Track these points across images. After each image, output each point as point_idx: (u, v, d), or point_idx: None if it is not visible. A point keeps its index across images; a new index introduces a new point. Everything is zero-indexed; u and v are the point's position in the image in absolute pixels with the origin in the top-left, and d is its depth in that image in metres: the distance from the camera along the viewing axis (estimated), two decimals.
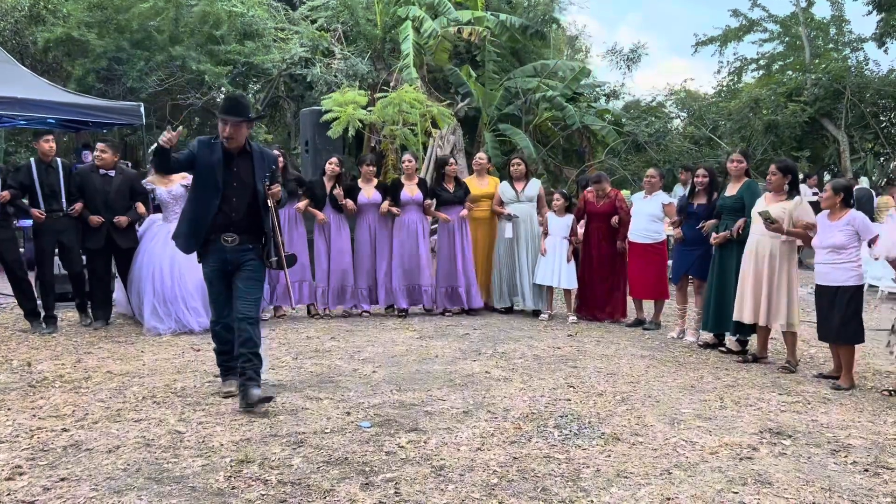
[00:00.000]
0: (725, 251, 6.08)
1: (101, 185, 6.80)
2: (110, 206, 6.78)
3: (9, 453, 3.54)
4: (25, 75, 10.39)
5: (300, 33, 14.52)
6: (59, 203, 6.68)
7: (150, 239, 6.81)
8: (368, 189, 7.61)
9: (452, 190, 7.75)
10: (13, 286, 6.59)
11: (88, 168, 7.03)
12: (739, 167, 6.13)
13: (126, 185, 6.92)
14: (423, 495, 3.11)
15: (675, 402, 4.60)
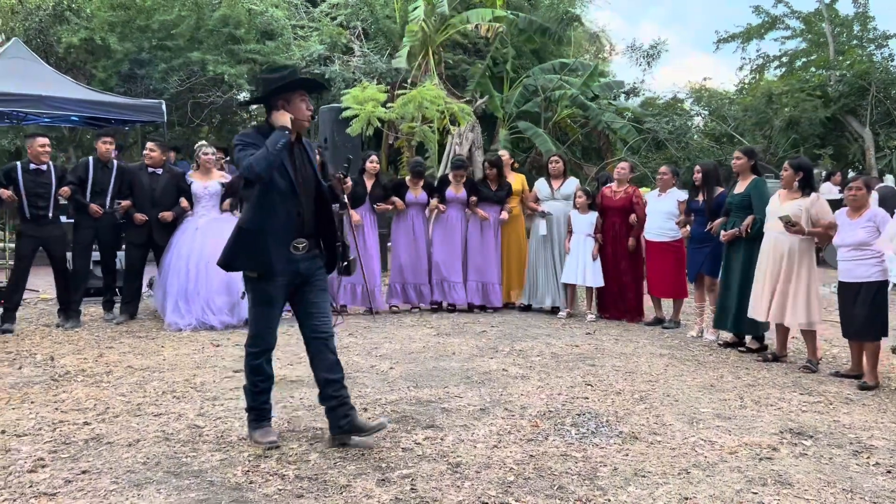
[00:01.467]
0: (734, 250, 6.03)
1: (149, 182, 7.00)
2: (157, 204, 6.98)
3: (32, 446, 3.59)
4: (50, 74, 10.54)
5: (319, 31, 14.57)
6: (104, 201, 6.85)
7: (180, 233, 6.90)
8: (416, 189, 7.69)
9: (495, 189, 7.79)
10: (57, 282, 6.72)
11: (137, 166, 7.22)
12: (738, 163, 6.13)
13: (172, 182, 7.09)
14: (438, 492, 3.12)
15: (694, 401, 4.56)
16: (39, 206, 6.45)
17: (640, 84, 20.63)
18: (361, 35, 15.21)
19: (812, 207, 5.42)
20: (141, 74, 13.88)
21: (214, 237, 6.72)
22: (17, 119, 11.13)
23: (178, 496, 3.03)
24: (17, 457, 3.44)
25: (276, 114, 3.58)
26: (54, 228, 6.63)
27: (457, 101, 12.25)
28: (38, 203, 6.44)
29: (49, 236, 6.55)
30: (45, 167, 6.54)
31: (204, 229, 6.79)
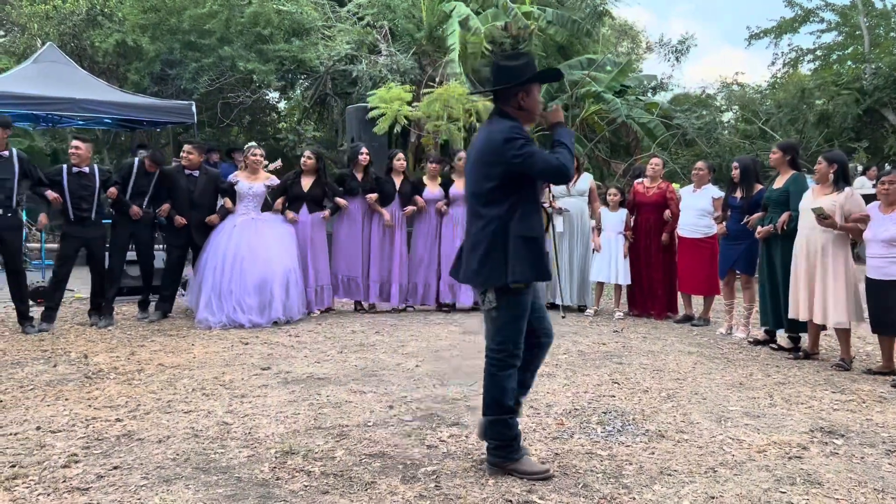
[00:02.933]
0: (771, 246, 5.94)
1: (187, 185, 7.11)
2: (195, 205, 7.10)
3: (65, 441, 3.67)
4: (83, 77, 10.75)
5: (346, 30, 14.65)
6: (142, 202, 6.99)
7: (217, 232, 7.00)
8: (433, 185, 7.69)
9: None
10: (94, 282, 6.86)
11: (175, 169, 7.35)
12: (774, 158, 6.03)
13: (210, 184, 7.20)
14: (463, 489, 3.12)
15: (723, 400, 4.51)
16: (83, 207, 6.58)
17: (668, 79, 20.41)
18: (388, 34, 15.26)
19: (846, 203, 5.32)
20: (172, 75, 14.08)
21: (251, 237, 6.82)
22: (52, 122, 11.38)
23: (206, 492, 3.08)
24: (52, 452, 3.52)
25: (556, 109, 3.45)
26: (97, 230, 6.77)
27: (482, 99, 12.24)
28: (82, 205, 6.58)
29: (92, 237, 6.69)
30: (88, 169, 6.67)
31: (241, 228, 6.89)
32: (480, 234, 3.24)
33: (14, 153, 6.35)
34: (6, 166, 6.25)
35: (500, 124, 3.26)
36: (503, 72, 3.31)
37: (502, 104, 3.33)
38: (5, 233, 6.27)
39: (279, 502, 2.98)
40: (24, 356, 5.54)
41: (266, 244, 6.84)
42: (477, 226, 3.27)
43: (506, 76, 3.28)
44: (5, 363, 5.31)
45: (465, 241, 3.37)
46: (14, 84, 9.61)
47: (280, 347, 5.91)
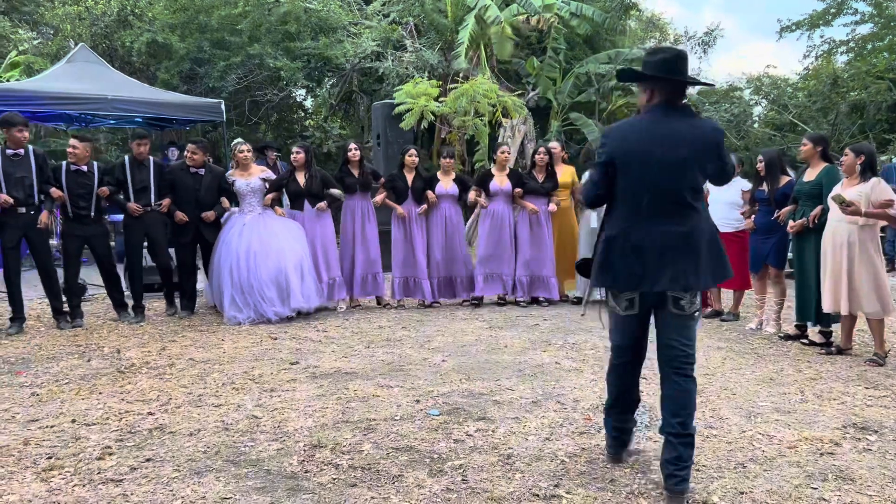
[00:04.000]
0: (803, 239, 5.84)
1: (192, 183, 7.16)
2: (200, 203, 7.16)
3: (99, 434, 3.75)
4: (115, 76, 10.93)
5: (372, 27, 14.70)
6: (149, 199, 7.03)
7: (227, 230, 7.07)
8: (447, 181, 7.69)
9: (542, 181, 7.73)
10: (104, 278, 6.95)
11: (179, 166, 7.40)
12: (804, 150, 5.92)
13: (214, 182, 7.26)
14: (490, 483, 3.13)
15: (753, 395, 4.46)
16: (81, 205, 6.65)
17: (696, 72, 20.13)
18: (413, 31, 15.28)
19: (872, 192, 5.22)
20: (200, 73, 14.25)
21: (262, 232, 6.89)
22: (85, 121, 11.59)
23: (236, 484, 3.13)
24: (87, 444, 3.60)
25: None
26: (97, 227, 6.82)
27: (509, 94, 12.22)
28: (80, 203, 6.64)
29: (92, 235, 6.75)
30: (87, 168, 6.73)
31: (250, 225, 6.96)
32: (702, 230, 3.01)
33: (30, 150, 6.44)
34: (24, 164, 6.34)
35: (705, 121, 3.18)
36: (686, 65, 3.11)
37: (680, 98, 3.14)
38: (31, 230, 6.40)
39: (308, 494, 3.02)
40: (59, 351, 5.66)
41: (276, 237, 6.91)
42: (695, 220, 3.00)
43: (666, 67, 3.05)
44: (41, 358, 5.43)
45: (672, 238, 2.97)
46: (48, 84, 9.80)
47: (308, 342, 5.96)
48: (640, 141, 3.02)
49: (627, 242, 3.01)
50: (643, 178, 2.99)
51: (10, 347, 5.77)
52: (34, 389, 4.57)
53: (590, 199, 3.24)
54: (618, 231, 3.05)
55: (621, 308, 3.12)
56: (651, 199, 2.98)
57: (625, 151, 3.05)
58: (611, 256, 3.05)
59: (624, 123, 3.17)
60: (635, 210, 3.02)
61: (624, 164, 3.03)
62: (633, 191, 3.02)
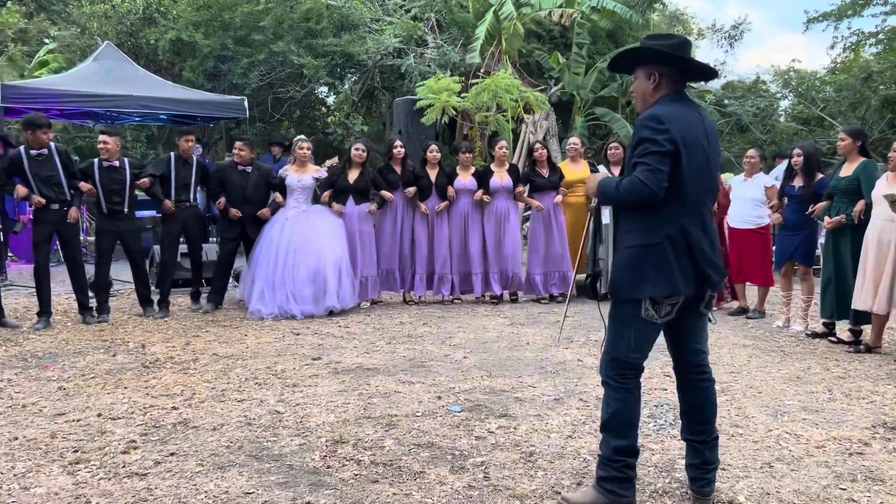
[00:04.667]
0: (840, 236, 5.73)
1: (240, 180, 7.25)
2: (248, 200, 7.23)
3: (125, 428, 3.79)
4: (139, 74, 11.04)
5: (394, 24, 14.71)
6: (188, 195, 7.12)
7: (270, 225, 7.13)
8: (465, 175, 7.66)
9: (547, 175, 7.68)
10: (134, 274, 7.04)
11: (228, 164, 7.52)
12: (843, 145, 5.78)
13: (262, 179, 7.34)
14: (512, 480, 3.11)
15: (779, 394, 4.40)
16: (114, 201, 6.73)
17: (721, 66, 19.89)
18: (435, 27, 15.26)
19: None
20: (224, 70, 14.35)
21: (303, 228, 6.93)
22: (111, 119, 11.72)
23: (258, 479, 3.14)
24: (112, 438, 3.63)
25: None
26: (130, 223, 6.90)
27: (532, 90, 12.16)
28: (113, 198, 6.72)
29: (125, 230, 6.83)
30: (118, 163, 6.81)
31: (293, 221, 6.99)
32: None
33: (53, 148, 6.51)
34: (49, 163, 6.41)
35: (705, 112, 2.98)
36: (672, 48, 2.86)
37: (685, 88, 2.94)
38: (62, 227, 6.48)
39: (329, 490, 3.02)
40: (86, 346, 5.73)
41: (318, 235, 6.93)
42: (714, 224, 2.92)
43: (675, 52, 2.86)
44: (68, 352, 5.50)
45: (714, 235, 2.87)
46: (75, 83, 9.92)
47: (330, 338, 5.98)
48: (692, 129, 2.76)
49: (686, 242, 2.74)
50: (699, 171, 2.76)
51: (38, 342, 5.85)
52: (61, 383, 4.63)
53: (655, 193, 2.66)
54: (676, 230, 2.73)
55: (660, 316, 2.79)
56: (703, 193, 2.80)
57: (688, 139, 2.72)
58: (668, 259, 2.73)
59: (674, 109, 2.78)
60: (691, 205, 2.76)
61: (688, 155, 2.71)
62: (691, 184, 2.74)
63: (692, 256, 2.74)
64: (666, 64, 2.83)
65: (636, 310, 2.78)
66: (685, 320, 2.87)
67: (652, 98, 2.87)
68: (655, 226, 2.74)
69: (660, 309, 2.77)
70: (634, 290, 2.77)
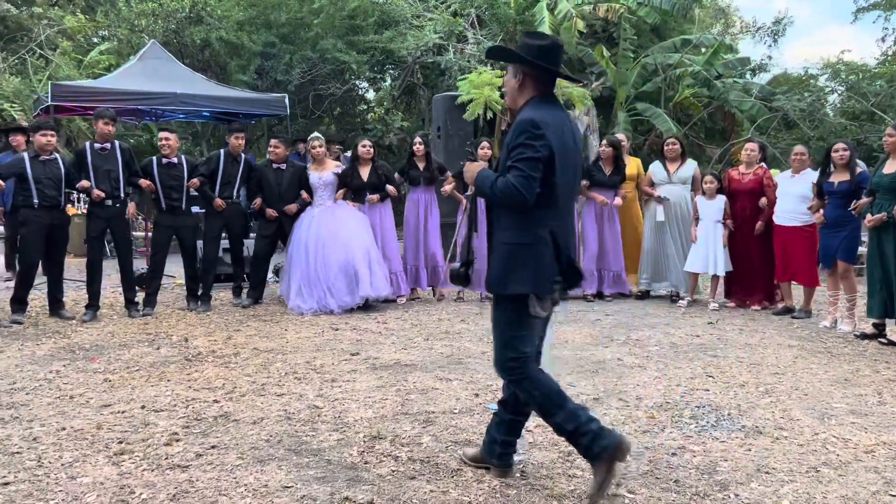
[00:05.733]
0: (884, 234, 5.56)
1: (275, 178, 7.34)
2: (282, 197, 7.33)
3: (167, 421, 3.85)
4: (184, 72, 11.23)
5: (434, 20, 14.71)
6: (231, 192, 7.23)
7: (299, 223, 7.21)
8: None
9: (609, 173, 7.57)
10: (186, 268, 7.18)
11: (264, 163, 7.62)
12: (890, 140, 5.60)
13: (295, 176, 7.43)
14: (550, 480, 3.09)
15: (826, 396, 4.28)
16: (173, 197, 6.88)
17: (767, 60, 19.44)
18: (475, 23, 15.22)
19: None
20: (267, 68, 14.53)
21: (330, 223, 6.98)
22: (155, 116, 11.95)
23: (297, 473, 3.17)
24: (155, 430, 3.70)
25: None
26: (187, 219, 7.06)
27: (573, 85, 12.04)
28: (172, 195, 6.88)
29: (182, 226, 6.99)
30: (177, 160, 6.95)
31: (319, 217, 7.07)
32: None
33: (117, 145, 6.70)
34: (111, 158, 6.60)
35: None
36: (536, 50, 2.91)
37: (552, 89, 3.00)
38: (114, 222, 6.64)
39: (367, 486, 3.03)
40: (131, 339, 5.85)
41: (344, 228, 6.99)
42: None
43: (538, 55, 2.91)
44: (114, 345, 5.63)
45: (571, 241, 2.98)
46: (121, 81, 10.14)
47: (368, 334, 6.00)
48: (565, 134, 2.84)
49: (555, 243, 2.85)
50: (571, 176, 2.89)
51: (85, 334, 6.00)
52: (107, 375, 4.73)
53: (526, 201, 2.74)
54: (546, 232, 2.83)
55: (545, 310, 2.91)
56: (571, 196, 2.98)
57: (562, 145, 2.80)
58: (540, 258, 2.84)
59: (549, 114, 2.83)
60: (560, 208, 2.88)
61: (561, 161, 2.80)
62: (563, 189, 2.85)
63: (559, 257, 2.85)
64: (529, 66, 2.88)
65: (522, 306, 2.86)
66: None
67: (519, 96, 2.94)
68: (528, 226, 2.83)
69: (544, 304, 2.89)
70: (510, 286, 2.87)
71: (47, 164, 6.39)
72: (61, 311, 6.63)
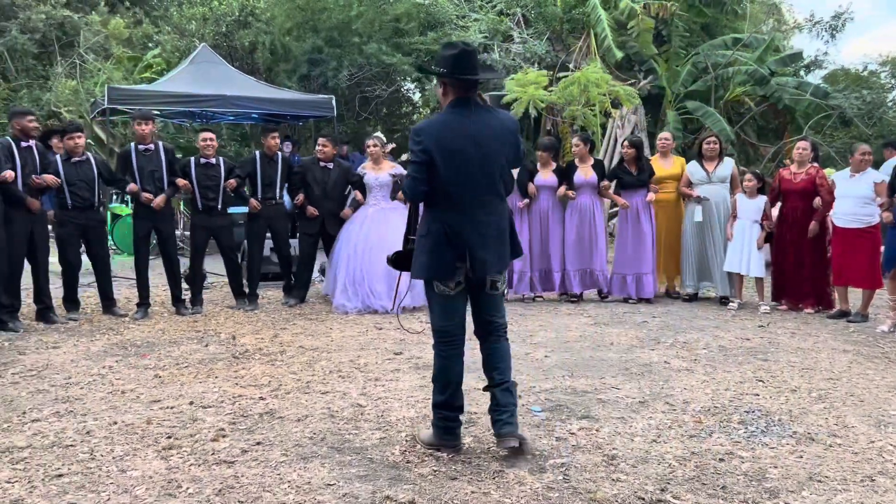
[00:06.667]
0: None
1: (321, 176, 7.39)
2: (328, 196, 7.38)
3: (214, 417, 3.93)
4: (233, 75, 11.45)
5: (479, 20, 14.69)
6: (274, 192, 7.32)
7: (351, 222, 7.26)
8: (545, 172, 7.55)
9: (636, 172, 7.46)
10: (227, 268, 7.31)
11: (310, 160, 7.67)
12: None
13: (342, 176, 7.49)
14: (593, 483, 3.05)
15: (883, 403, 4.13)
16: (209, 197, 6.98)
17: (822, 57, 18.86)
18: (521, 22, 15.15)
19: None
20: (315, 74, 14.71)
21: (381, 226, 7.00)
22: (205, 118, 12.21)
23: (339, 471, 3.19)
24: (202, 426, 3.77)
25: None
26: (223, 219, 7.15)
27: (621, 84, 11.89)
28: (209, 195, 6.98)
29: (218, 226, 7.08)
30: (215, 161, 7.06)
31: (372, 218, 7.09)
32: (506, 220, 3.44)
33: (160, 145, 6.84)
34: (154, 158, 6.74)
35: (505, 113, 3.53)
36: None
37: (474, 93, 3.38)
38: (160, 221, 6.79)
39: (409, 485, 3.03)
40: (181, 336, 5.98)
41: (395, 232, 6.96)
42: (501, 210, 3.39)
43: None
44: (164, 342, 5.76)
45: (488, 227, 3.32)
46: (173, 84, 10.39)
47: (412, 333, 6.01)
48: (453, 137, 3.22)
49: (447, 235, 3.25)
50: (463, 174, 3.24)
51: (137, 331, 6.15)
52: (157, 372, 4.84)
53: (413, 198, 3.39)
54: (439, 225, 3.28)
55: (451, 290, 3.33)
56: (471, 192, 3.27)
57: (445, 147, 3.21)
58: (433, 248, 3.28)
59: (442, 119, 3.30)
60: (456, 203, 3.27)
61: (444, 161, 3.20)
62: (453, 186, 3.25)
63: (454, 248, 3.24)
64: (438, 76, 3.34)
65: (431, 286, 3.36)
66: (478, 297, 3.42)
67: (444, 102, 3.36)
68: (427, 220, 3.34)
69: (449, 284, 3.30)
70: (415, 271, 3.38)
71: (79, 166, 6.55)
72: (114, 309, 6.81)
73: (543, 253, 7.52)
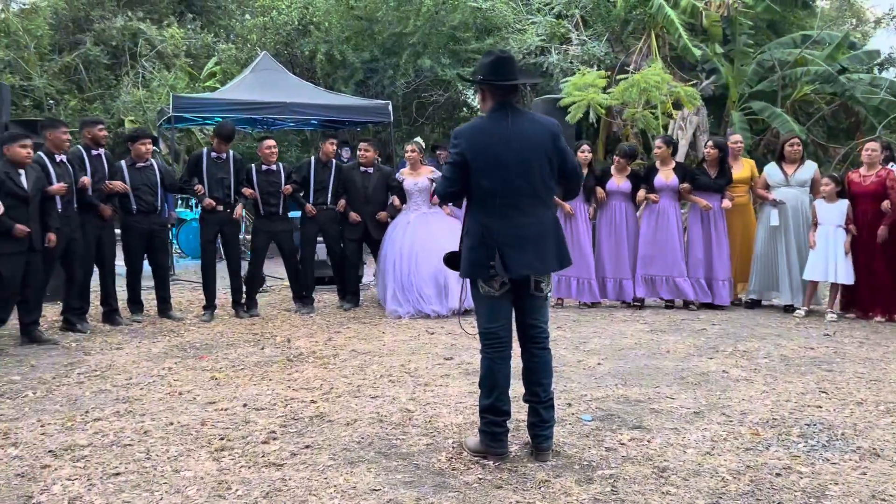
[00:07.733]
0: None
1: (362, 181, 7.48)
2: (369, 200, 7.45)
3: (266, 419, 3.99)
4: (293, 82, 11.65)
5: (536, 23, 14.60)
6: (326, 198, 7.43)
7: (393, 228, 7.31)
8: (619, 178, 7.42)
9: (714, 175, 7.26)
10: (288, 272, 7.44)
11: (351, 166, 7.75)
12: None
13: (382, 181, 7.54)
14: (641, 496, 2.97)
15: None
16: (271, 203, 7.15)
17: None
18: (579, 23, 14.99)
19: None
20: (372, 83, 14.88)
21: (423, 230, 7.03)
22: (267, 125, 12.47)
23: (385, 476, 3.20)
24: (254, 428, 3.84)
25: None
26: (284, 224, 7.31)
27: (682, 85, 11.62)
28: (270, 200, 7.14)
29: (279, 231, 7.24)
30: (276, 167, 7.21)
31: (414, 223, 7.13)
32: (549, 225, 3.41)
33: (231, 154, 7.03)
34: (224, 166, 6.95)
35: (546, 118, 3.52)
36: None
37: (514, 98, 3.47)
38: (225, 226, 6.98)
39: (453, 493, 3.02)
40: (238, 338, 6.12)
41: (438, 236, 6.97)
42: (541, 214, 3.38)
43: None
44: (222, 344, 5.90)
45: (525, 229, 3.31)
46: (235, 92, 10.64)
47: (463, 338, 5.97)
48: (488, 141, 3.29)
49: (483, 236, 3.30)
50: (498, 176, 3.28)
51: (196, 333, 6.32)
52: (214, 373, 4.96)
53: (443, 197, 3.60)
54: (477, 225, 3.34)
55: (497, 290, 3.34)
56: (507, 194, 3.29)
57: (479, 151, 3.29)
58: (474, 249, 3.34)
59: (480, 123, 3.42)
60: (492, 205, 3.31)
61: (477, 164, 3.28)
62: (487, 187, 3.29)
63: (489, 248, 3.26)
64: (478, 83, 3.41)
65: (476, 287, 3.38)
66: (521, 300, 3.39)
67: (484, 108, 3.45)
68: (468, 221, 3.42)
69: (493, 285, 3.32)
70: (461, 270, 3.43)
71: (143, 171, 6.76)
72: (169, 313, 7.00)
73: (614, 260, 7.38)
